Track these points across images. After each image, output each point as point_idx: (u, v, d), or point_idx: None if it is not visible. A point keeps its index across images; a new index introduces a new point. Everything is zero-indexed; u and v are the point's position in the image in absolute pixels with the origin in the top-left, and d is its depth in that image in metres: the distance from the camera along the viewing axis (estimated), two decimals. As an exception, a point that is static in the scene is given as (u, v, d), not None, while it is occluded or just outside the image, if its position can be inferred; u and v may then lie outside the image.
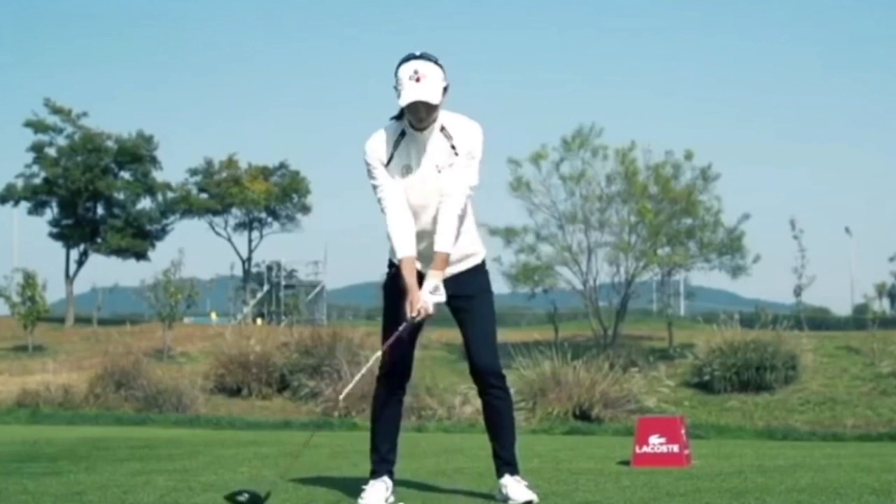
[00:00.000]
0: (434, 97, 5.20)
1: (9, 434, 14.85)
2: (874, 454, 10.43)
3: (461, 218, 5.30)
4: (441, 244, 5.26)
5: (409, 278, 5.24)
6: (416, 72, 5.19)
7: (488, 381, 5.47)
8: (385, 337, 5.45)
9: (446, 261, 5.28)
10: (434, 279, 5.23)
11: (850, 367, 24.95)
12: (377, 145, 5.36)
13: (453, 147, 5.30)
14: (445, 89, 5.29)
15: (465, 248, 5.46)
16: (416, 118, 5.26)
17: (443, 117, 5.33)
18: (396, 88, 5.23)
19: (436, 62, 5.27)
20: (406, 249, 5.27)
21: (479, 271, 5.57)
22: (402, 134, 5.35)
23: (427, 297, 5.19)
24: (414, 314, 5.18)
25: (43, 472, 7.40)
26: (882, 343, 25.55)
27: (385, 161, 5.34)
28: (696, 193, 28.06)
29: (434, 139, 5.31)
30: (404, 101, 5.19)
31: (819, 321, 39.63)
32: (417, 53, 5.28)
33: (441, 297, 5.24)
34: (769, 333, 24.33)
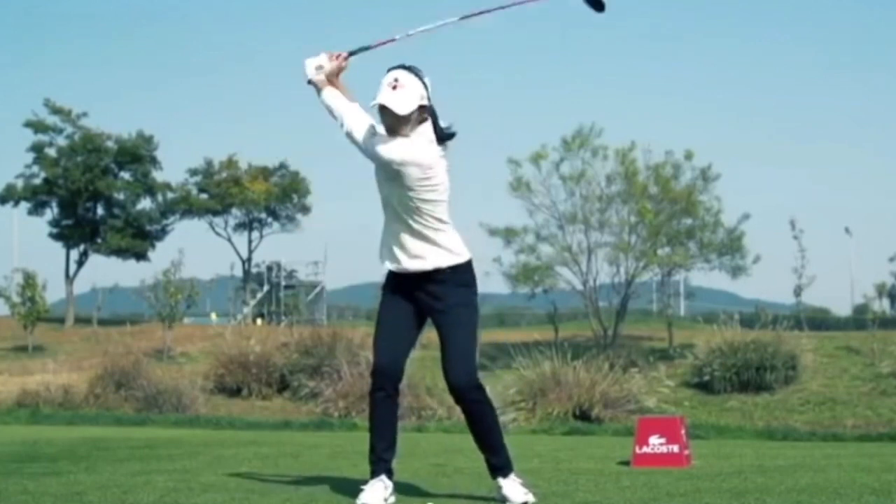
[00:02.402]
0: (401, 108, 5.26)
1: (9, 434, 14.86)
2: (874, 454, 10.44)
3: (336, 108, 5.49)
4: (329, 90, 5.55)
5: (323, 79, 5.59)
6: (396, 80, 5.30)
7: (465, 396, 5.48)
8: (377, 338, 5.50)
9: (320, 90, 5.56)
10: (317, 77, 5.56)
11: (850, 367, 24.94)
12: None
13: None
14: (423, 108, 5.32)
15: (419, 253, 5.41)
16: (384, 124, 5.37)
17: (409, 134, 5.34)
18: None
19: (420, 78, 5.34)
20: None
21: (455, 283, 5.47)
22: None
23: (314, 62, 5.55)
24: (321, 61, 5.56)
25: (43, 472, 7.39)
26: (882, 343, 25.54)
27: (374, 131, 5.48)
28: (696, 193, 28.06)
29: None
30: (374, 102, 5.31)
31: (819, 321, 39.60)
32: (407, 64, 5.37)
33: (309, 68, 5.56)
34: (769, 334, 24.31)
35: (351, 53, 5.60)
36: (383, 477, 5.44)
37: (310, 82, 5.59)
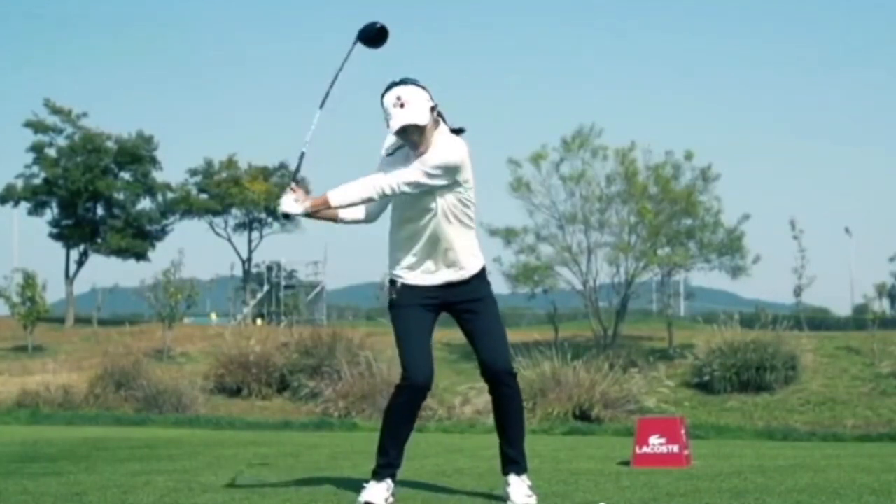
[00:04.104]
0: (421, 119, 5.29)
1: (9, 434, 14.87)
2: (874, 454, 10.45)
3: (362, 190, 5.36)
4: (333, 191, 5.40)
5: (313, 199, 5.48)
6: (398, 98, 5.30)
7: (501, 381, 5.53)
8: (407, 352, 5.44)
9: (325, 202, 5.42)
10: (308, 202, 5.42)
11: (850, 367, 24.94)
12: (391, 139, 5.50)
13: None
14: (433, 109, 5.36)
15: (457, 261, 5.52)
16: (410, 143, 5.37)
17: (435, 139, 5.37)
18: (385, 118, 5.33)
19: (417, 85, 5.37)
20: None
21: (482, 280, 5.66)
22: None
23: (288, 201, 5.43)
24: (292, 197, 5.43)
25: (43, 473, 7.40)
26: (882, 343, 25.54)
27: (388, 152, 5.53)
28: (696, 194, 28.03)
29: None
30: (393, 127, 5.31)
31: (819, 321, 39.58)
32: (398, 80, 5.39)
33: (291, 208, 5.43)
34: (769, 334, 24.31)
35: (295, 180, 5.57)
36: (387, 479, 5.46)
37: (308, 215, 5.52)
